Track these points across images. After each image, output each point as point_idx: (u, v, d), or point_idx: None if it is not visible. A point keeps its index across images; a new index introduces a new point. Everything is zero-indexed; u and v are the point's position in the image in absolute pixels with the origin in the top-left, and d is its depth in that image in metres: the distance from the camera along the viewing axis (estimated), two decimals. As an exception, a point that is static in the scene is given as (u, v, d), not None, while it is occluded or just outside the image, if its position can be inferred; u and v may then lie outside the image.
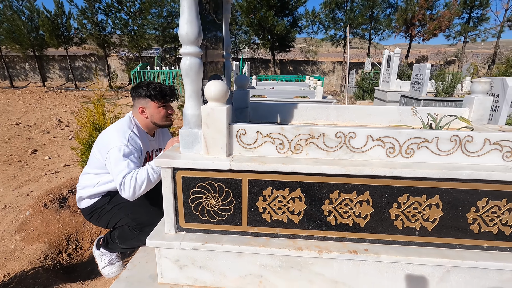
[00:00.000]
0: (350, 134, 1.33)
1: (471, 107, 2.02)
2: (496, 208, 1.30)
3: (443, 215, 1.33)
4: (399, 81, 7.91)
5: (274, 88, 6.96)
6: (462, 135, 1.29)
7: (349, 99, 11.14)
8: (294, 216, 1.40)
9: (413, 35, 14.10)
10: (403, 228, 1.37)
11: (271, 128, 1.35)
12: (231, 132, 1.37)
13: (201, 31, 1.27)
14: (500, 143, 1.29)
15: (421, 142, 1.31)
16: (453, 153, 1.32)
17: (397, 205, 1.34)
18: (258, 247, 1.38)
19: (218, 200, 1.39)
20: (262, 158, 1.36)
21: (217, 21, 1.77)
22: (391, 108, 2.11)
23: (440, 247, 1.38)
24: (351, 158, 1.36)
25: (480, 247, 1.36)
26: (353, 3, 13.48)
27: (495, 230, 1.33)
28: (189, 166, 1.34)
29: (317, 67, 15.76)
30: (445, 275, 1.36)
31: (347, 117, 2.17)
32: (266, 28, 12.56)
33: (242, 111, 2.20)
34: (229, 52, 2.09)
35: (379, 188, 1.32)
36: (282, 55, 17.01)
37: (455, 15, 13.56)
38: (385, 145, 1.33)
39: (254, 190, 1.37)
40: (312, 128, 1.34)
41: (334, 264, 1.38)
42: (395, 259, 1.33)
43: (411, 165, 1.30)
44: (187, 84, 1.33)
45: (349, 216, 1.37)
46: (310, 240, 1.42)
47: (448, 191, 1.30)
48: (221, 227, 1.44)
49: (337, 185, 1.33)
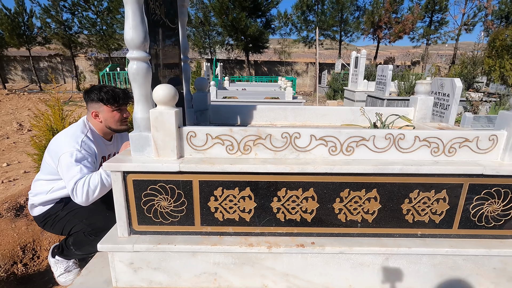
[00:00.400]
0: (295, 134, 1.41)
1: (416, 106, 2.18)
2: (426, 198, 1.43)
3: (381, 207, 1.45)
4: (366, 81, 8.27)
5: (246, 89, 7.02)
6: (395, 133, 1.41)
7: (322, 99, 11.45)
8: (245, 214, 1.45)
9: (380, 37, 14.79)
10: (346, 221, 1.47)
11: (220, 130, 1.40)
12: (181, 135, 1.40)
13: (147, 36, 1.29)
14: (428, 140, 1.42)
15: (359, 140, 1.42)
16: (389, 150, 1.43)
17: (340, 200, 1.43)
18: (210, 245, 1.42)
19: (170, 202, 1.42)
20: (212, 160, 1.40)
21: (171, 25, 1.79)
22: (344, 108, 2.23)
23: (380, 237, 1.49)
24: (297, 157, 1.44)
25: (415, 235, 1.49)
26: (323, 5, 13.89)
27: (427, 219, 1.47)
28: (139, 169, 1.35)
29: (291, 68, 16.04)
30: (385, 262, 1.47)
31: (304, 118, 2.27)
32: (239, 29, 12.62)
33: (202, 113, 2.24)
34: (187, 55, 2.11)
35: (322, 184, 1.41)
36: (257, 56, 17.15)
37: (418, 18, 14.40)
38: (327, 144, 1.42)
39: (205, 190, 1.41)
40: (259, 129, 1.40)
41: (284, 258, 1.46)
42: (339, 250, 1.42)
43: (351, 162, 1.40)
44: (135, 88, 1.34)
45: (296, 212, 1.45)
46: (261, 236, 1.48)
47: (384, 185, 1.41)
48: (174, 228, 1.47)
49: (284, 183, 1.40)
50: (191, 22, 14.24)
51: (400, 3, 14.47)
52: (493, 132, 1.42)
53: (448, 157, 1.44)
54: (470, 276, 1.50)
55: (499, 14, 14.02)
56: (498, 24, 14.41)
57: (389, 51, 49.41)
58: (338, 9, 13.55)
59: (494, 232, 1.49)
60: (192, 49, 15.64)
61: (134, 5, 1.23)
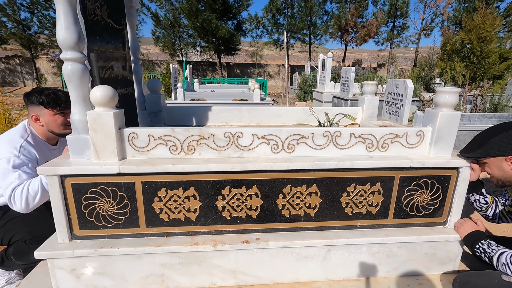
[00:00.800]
0: (238, 134, 1.44)
1: (363, 106, 2.31)
2: (363, 191, 1.52)
3: (322, 202, 1.52)
4: (333, 83, 8.55)
5: (215, 91, 7.01)
6: (332, 130, 1.49)
7: (292, 100, 11.67)
8: (191, 213, 1.46)
9: (347, 41, 15.40)
10: (290, 216, 1.53)
11: (162, 131, 1.40)
12: (122, 137, 1.39)
13: (82, 37, 1.27)
14: (363, 136, 1.52)
15: (299, 138, 1.48)
16: (327, 146, 1.51)
17: (283, 196, 1.49)
18: (155, 247, 1.41)
19: (112, 204, 1.40)
20: (155, 160, 1.40)
21: (116, 26, 1.77)
22: (297, 109, 2.31)
23: (322, 230, 1.57)
24: (241, 156, 1.48)
25: (354, 226, 1.59)
26: (293, 9, 14.22)
27: (364, 211, 1.56)
28: (78, 172, 1.32)
29: (264, 70, 16.21)
30: (327, 253, 1.55)
31: (259, 118, 2.32)
32: (210, 31, 12.57)
33: (156, 115, 2.22)
34: (138, 57, 2.09)
35: (265, 181, 1.45)
36: (229, 58, 17.15)
37: (381, 23, 15.18)
38: (269, 142, 1.47)
39: (149, 191, 1.40)
40: (202, 129, 1.42)
41: (230, 255, 1.48)
42: (282, 244, 1.48)
43: (292, 159, 1.46)
44: (71, 89, 1.31)
45: (241, 209, 1.48)
46: (208, 235, 1.50)
47: (323, 180, 1.48)
48: (118, 231, 1.45)
49: (227, 182, 1.43)
50: (161, 23, 13.99)
51: (365, 8, 15.19)
52: (420, 128, 1.55)
53: (381, 152, 1.55)
54: (405, 262, 1.62)
55: (454, 20, 15.15)
56: (453, 29, 15.53)
57: (360, 54, 51.20)
58: (306, 13, 13.93)
59: (425, 220, 1.62)
60: (163, 51, 15.33)
61: (65, 5, 1.21)
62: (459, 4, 14.92)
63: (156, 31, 14.63)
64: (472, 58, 6.37)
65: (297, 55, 31.27)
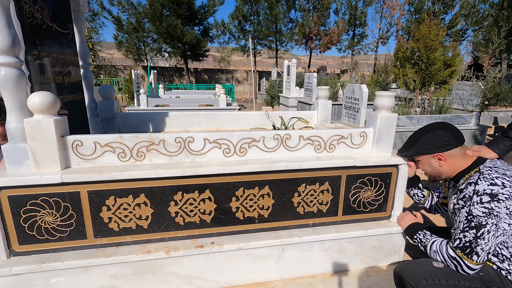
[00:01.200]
0: (189, 139, 1.45)
1: (318, 109, 2.42)
2: (313, 191, 1.60)
3: (275, 202, 1.57)
4: (298, 88, 8.82)
5: (180, 97, 6.91)
6: (282, 133, 1.55)
7: (261, 105, 11.82)
8: (142, 221, 1.43)
9: (311, 48, 16.03)
10: (244, 219, 1.55)
11: (109, 137, 1.37)
12: (66, 145, 1.33)
13: (17, 41, 1.21)
14: (311, 139, 1.60)
15: (251, 141, 1.53)
16: (278, 149, 1.57)
17: (236, 199, 1.51)
18: (104, 257, 1.36)
19: (56, 216, 1.33)
20: (102, 168, 1.36)
21: (61, 30, 1.70)
22: (255, 113, 2.37)
23: (276, 230, 1.61)
24: (193, 161, 1.48)
25: (307, 225, 1.65)
26: (259, 16, 14.51)
27: (315, 209, 1.64)
28: (15, 183, 1.24)
29: (232, 76, 16.27)
30: (281, 253, 1.59)
31: (217, 123, 2.34)
32: (176, 37, 12.38)
33: (110, 122, 2.14)
34: (88, 62, 2.02)
35: (218, 185, 1.47)
36: (197, 64, 16.99)
37: (342, 31, 16.04)
38: (221, 146, 1.50)
39: (96, 201, 1.35)
40: (152, 135, 1.41)
41: (185, 261, 1.47)
42: (237, 247, 1.50)
43: (244, 162, 1.50)
44: (6, 96, 1.24)
45: (195, 214, 1.48)
46: (161, 242, 1.48)
47: (275, 182, 1.54)
48: (63, 244, 1.38)
49: (179, 187, 1.43)
50: (123, 28, 13.52)
51: (327, 17, 15.95)
52: (363, 130, 1.66)
53: (329, 153, 1.64)
54: (355, 256, 1.71)
55: (407, 30, 16.41)
56: (406, 38, 16.79)
57: (326, 60, 53.40)
58: (272, 20, 14.28)
59: (371, 215, 1.73)
60: (126, 56, 14.79)
61: (-3, 8, 1.14)
62: (410, 15, 16.22)
63: (118, 35, 14.10)
64: (421, 65, 6.91)
65: (266, 61, 31.83)
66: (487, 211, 1.19)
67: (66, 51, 1.75)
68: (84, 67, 1.99)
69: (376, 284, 1.62)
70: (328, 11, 15.78)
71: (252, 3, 13.99)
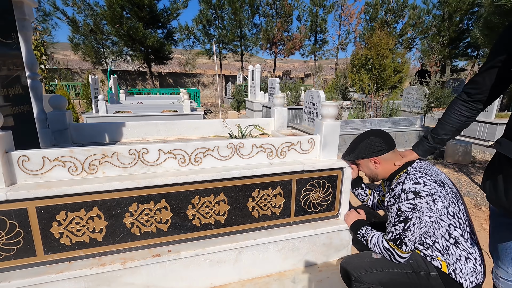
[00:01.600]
0: (143, 150, 1.48)
1: (274, 116, 2.54)
2: (266, 195, 1.71)
3: (230, 208, 1.65)
4: (263, 93, 9.03)
5: (142, 103, 6.73)
6: (236, 142, 1.64)
7: (227, 109, 11.87)
8: (96, 234, 1.43)
9: (276, 52, 16.46)
10: (201, 225, 1.61)
11: (58, 152, 1.36)
12: (10, 160, 1.30)
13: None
14: (263, 146, 1.71)
15: (206, 151, 1.59)
16: (232, 157, 1.66)
17: (192, 207, 1.57)
18: (56, 274, 1.34)
19: (1, 235, 1.29)
20: (51, 183, 1.34)
21: (4, 40, 1.63)
22: (215, 121, 2.43)
23: (233, 234, 1.69)
24: (148, 172, 1.51)
25: (262, 227, 1.75)
26: (223, 21, 14.59)
27: (269, 212, 1.74)
28: (-48, 203, 1.19)
29: (198, 80, 16.12)
30: (238, 255, 1.67)
31: (177, 132, 2.37)
32: (137, 40, 12.00)
33: (62, 133, 2.08)
34: (35, 72, 1.95)
35: (173, 194, 1.52)
36: (161, 67, 16.57)
37: (305, 37, 16.71)
38: (176, 156, 1.54)
39: (45, 216, 1.33)
40: (104, 148, 1.42)
41: (142, 271, 1.49)
42: (194, 253, 1.55)
43: (199, 171, 1.56)
44: None
45: (151, 224, 1.51)
46: (117, 254, 1.49)
47: (230, 188, 1.62)
48: (10, 263, 1.33)
49: (134, 198, 1.45)
50: (79, 30, 12.79)
51: (290, 23, 16.49)
52: (311, 137, 1.81)
53: (280, 159, 1.76)
54: (308, 253, 1.85)
55: (363, 37, 17.51)
56: (364, 44, 17.91)
57: (292, 64, 54.71)
58: (236, 25, 14.43)
59: (322, 215, 1.88)
60: (83, 59, 13.99)
61: None
62: (366, 23, 17.33)
63: (74, 37, 13.30)
64: (374, 71, 7.44)
65: (233, 64, 31.91)
66: (412, 207, 1.37)
67: (10, 62, 1.68)
68: (31, 77, 1.92)
69: (326, 278, 1.76)
70: (291, 17, 16.33)
71: (216, 8, 14.04)
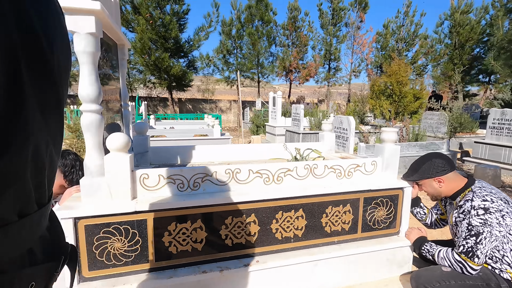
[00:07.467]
0: (236, 170, 1.70)
1: (323, 141, 2.76)
2: (337, 212, 1.88)
3: (307, 223, 1.82)
4: (283, 117, 9.36)
5: (174, 128, 7.09)
6: (311, 164, 1.85)
7: (246, 133, 12.20)
8: (197, 244, 1.62)
9: (291, 79, 17.13)
10: (282, 238, 1.79)
11: (171, 170, 1.59)
12: (134, 177, 1.53)
13: (101, 91, 1.45)
14: (334, 167, 1.91)
15: (286, 171, 1.80)
16: (308, 177, 1.86)
17: (276, 221, 1.75)
18: (166, 279, 1.52)
19: (124, 242, 1.49)
20: (164, 198, 1.57)
21: (113, 75, 1.95)
22: (270, 145, 2.66)
23: (308, 247, 1.85)
24: (239, 189, 1.72)
25: (333, 242, 1.91)
26: (242, 50, 15.45)
27: (340, 228, 1.91)
28: (94, 213, 1.41)
29: (215, 105, 16.75)
30: (314, 268, 1.82)
31: (237, 154, 2.60)
32: (162, 69, 12.79)
33: (143, 155, 2.34)
34: (127, 102, 2.25)
35: (261, 209, 1.71)
36: (181, 94, 17.35)
37: (319, 65, 17.43)
38: (262, 176, 1.76)
39: (159, 226, 1.54)
40: (206, 168, 1.65)
41: (234, 278, 1.66)
42: (279, 264, 1.71)
43: (282, 189, 1.76)
44: (89, 138, 1.44)
45: (241, 236, 1.70)
46: (213, 263, 1.66)
47: (307, 205, 1.80)
48: (128, 268, 1.52)
49: (230, 212, 1.65)
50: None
51: (305, 52, 17.34)
52: (374, 159, 2.01)
53: (348, 179, 1.95)
54: (373, 268, 1.97)
55: (375, 64, 18.12)
56: (375, 71, 18.45)
57: (300, 89, 55.63)
58: (254, 55, 15.23)
59: (384, 231, 2.03)
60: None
61: (89, 66, 1.39)
62: (377, 51, 18.00)
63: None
64: (394, 97, 7.70)
65: (244, 89, 32.84)
66: (482, 222, 1.52)
67: (115, 93, 1.98)
68: (124, 107, 2.21)
69: (394, 292, 1.87)
70: (306, 47, 17.15)
71: (235, 38, 14.93)
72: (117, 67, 2.04)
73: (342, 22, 17.59)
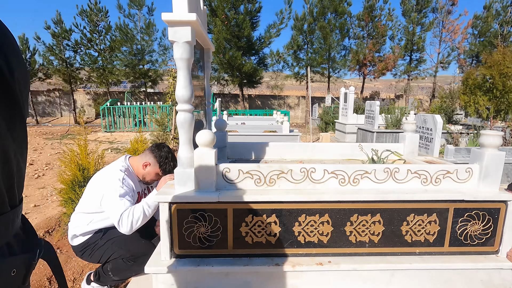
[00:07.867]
0: (311, 169, 1.72)
1: (404, 142, 2.55)
2: (421, 221, 1.73)
3: (385, 229, 1.73)
4: (355, 115, 8.86)
5: (245, 123, 7.43)
6: (392, 167, 1.74)
7: (314, 130, 11.98)
8: (271, 237, 1.71)
9: (365, 74, 15.98)
10: (356, 242, 1.74)
11: (250, 166, 1.70)
12: (218, 171, 1.69)
13: (193, 93, 1.63)
14: (418, 172, 1.75)
15: (363, 173, 1.74)
16: (387, 181, 1.75)
17: (350, 223, 1.71)
18: (243, 266, 1.65)
19: (208, 228, 1.67)
20: (243, 191, 1.69)
21: (200, 77, 2.16)
22: (344, 144, 2.59)
23: (385, 255, 1.76)
24: (314, 188, 1.74)
25: (414, 253, 1.77)
26: (313, 45, 15.09)
27: (422, 239, 1.75)
28: (185, 200, 1.62)
29: (283, 101, 16.85)
30: (391, 278, 1.72)
31: (310, 153, 2.60)
32: (235, 67, 13.46)
33: (221, 150, 2.54)
34: (210, 101, 2.47)
35: (335, 210, 1.69)
36: (251, 90, 17.99)
37: (398, 57, 15.78)
38: (337, 176, 1.73)
39: (238, 217, 1.67)
40: (282, 165, 1.71)
41: (305, 275, 1.69)
42: (352, 267, 1.67)
43: (358, 191, 1.71)
44: (182, 133, 1.65)
45: (314, 234, 1.71)
46: (284, 257, 1.73)
47: (386, 210, 1.71)
48: (210, 252, 1.70)
49: (303, 210, 1.68)
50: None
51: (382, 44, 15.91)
52: (469, 166, 1.77)
53: (435, 186, 1.77)
54: (462, 287, 1.76)
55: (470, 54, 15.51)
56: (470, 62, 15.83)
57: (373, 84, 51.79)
58: (326, 49, 14.72)
59: (479, 249, 1.78)
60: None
61: (185, 71, 1.57)
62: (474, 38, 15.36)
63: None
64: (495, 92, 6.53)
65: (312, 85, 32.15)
66: None
67: (200, 93, 2.20)
68: (207, 105, 2.44)
69: (489, 319, 1.64)
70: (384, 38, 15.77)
71: (306, 33, 14.68)
72: (203, 68, 2.26)
73: (429, 7, 15.54)
